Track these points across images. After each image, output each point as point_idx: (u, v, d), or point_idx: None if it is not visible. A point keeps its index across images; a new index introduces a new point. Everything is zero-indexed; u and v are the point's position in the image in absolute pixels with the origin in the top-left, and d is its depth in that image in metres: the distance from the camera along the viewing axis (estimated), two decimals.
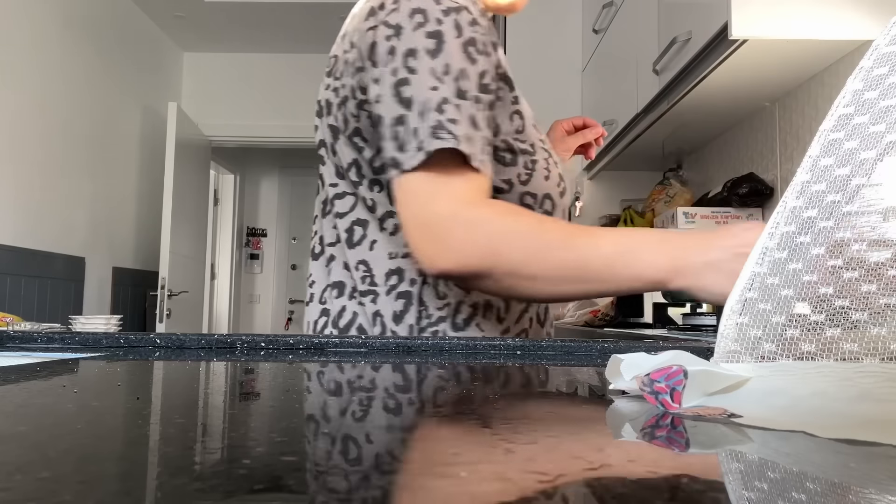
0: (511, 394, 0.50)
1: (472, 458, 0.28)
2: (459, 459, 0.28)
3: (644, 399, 0.41)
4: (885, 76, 0.41)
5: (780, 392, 0.38)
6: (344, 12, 4.21)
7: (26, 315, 3.03)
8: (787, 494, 0.24)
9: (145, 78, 4.25)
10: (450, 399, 0.45)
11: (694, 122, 2.38)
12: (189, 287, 4.21)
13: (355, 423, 0.35)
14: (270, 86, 4.74)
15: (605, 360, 0.49)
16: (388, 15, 0.78)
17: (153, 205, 4.31)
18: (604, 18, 2.76)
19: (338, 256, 0.89)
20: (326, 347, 0.78)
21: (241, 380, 0.57)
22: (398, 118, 0.75)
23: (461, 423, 0.37)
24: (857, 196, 0.40)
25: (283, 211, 6.57)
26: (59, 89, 3.33)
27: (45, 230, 3.24)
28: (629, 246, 0.73)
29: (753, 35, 1.57)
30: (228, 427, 0.35)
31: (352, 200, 0.87)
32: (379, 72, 0.77)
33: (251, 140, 4.80)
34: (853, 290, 0.39)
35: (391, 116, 0.75)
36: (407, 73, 0.75)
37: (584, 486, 0.25)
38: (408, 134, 0.74)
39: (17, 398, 0.42)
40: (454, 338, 0.80)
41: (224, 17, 4.19)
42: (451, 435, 0.34)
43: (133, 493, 0.22)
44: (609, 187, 3.20)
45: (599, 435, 0.36)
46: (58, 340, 0.81)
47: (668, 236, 0.74)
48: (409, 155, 0.73)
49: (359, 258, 0.86)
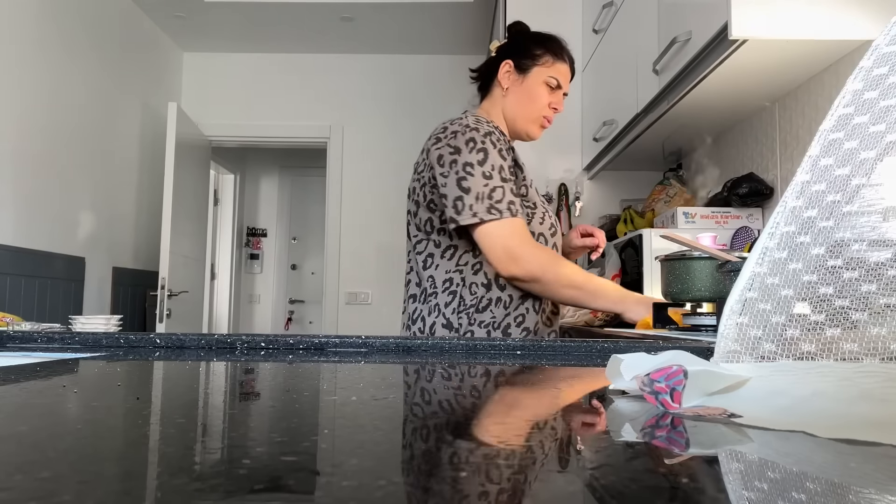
0: (511, 394, 0.50)
1: (470, 459, 0.28)
2: (457, 460, 0.28)
3: (644, 399, 0.41)
4: (885, 76, 0.40)
5: (780, 392, 0.38)
6: (344, 12, 4.17)
7: (26, 315, 3.03)
8: (787, 494, 0.24)
9: (145, 78, 4.25)
10: (449, 399, 0.45)
11: (694, 123, 2.38)
12: (189, 287, 4.22)
13: (355, 423, 0.35)
14: (270, 86, 4.74)
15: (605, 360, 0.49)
16: (450, 141, 1.41)
17: (153, 205, 4.31)
18: (604, 18, 2.76)
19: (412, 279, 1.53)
20: (326, 347, 0.78)
21: (241, 380, 0.57)
22: (459, 198, 1.37)
23: (459, 424, 0.37)
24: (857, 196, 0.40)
25: (283, 211, 6.57)
26: (59, 89, 3.33)
27: (45, 230, 3.24)
28: (603, 284, 1.45)
29: (753, 35, 1.57)
30: (228, 427, 0.35)
31: (426, 242, 1.48)
32: (443, 170, 1.40)
33: (251, 140, 4.80)
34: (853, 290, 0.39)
35: (454, 196, 1.38)
36: (465, 174, 1.37)
37: (585, 486, 0.25)
38: (466, 207, 1.37)
39: (17, 398, 0.42)
40: (454, 338, 0.80)
41: (224, 17, 4.19)
42: (451, 435, 0.34)
43: (133, 493, 0.22)
44: (609, 187, 3.20)
45: (599, 435, 0.36)
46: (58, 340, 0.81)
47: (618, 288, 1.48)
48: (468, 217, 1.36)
49: (429, 275, 1.47)
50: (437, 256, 1.46)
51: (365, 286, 4.67)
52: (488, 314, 1.43)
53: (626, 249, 2.34)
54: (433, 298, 1.45)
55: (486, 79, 1.60)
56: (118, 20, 3.91)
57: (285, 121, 4.74)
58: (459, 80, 4.76)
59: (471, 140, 1.39)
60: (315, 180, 6.32)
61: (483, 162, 1.37)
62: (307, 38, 4.51)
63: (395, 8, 4.02)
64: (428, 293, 1.46)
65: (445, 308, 1.43)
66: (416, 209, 1.49)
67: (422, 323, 1.47)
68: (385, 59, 4.77)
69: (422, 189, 1.46)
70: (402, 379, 0.56)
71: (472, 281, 1.44)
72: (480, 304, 1.43)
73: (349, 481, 0.24)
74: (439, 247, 1.46)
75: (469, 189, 1.36)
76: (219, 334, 0.81)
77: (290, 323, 6.51)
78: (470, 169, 1.37)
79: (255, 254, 6.47)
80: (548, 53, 1.54)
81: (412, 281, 1.53)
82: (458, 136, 1.40)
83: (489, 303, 1.43)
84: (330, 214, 4.68)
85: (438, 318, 1.44)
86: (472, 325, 1.43)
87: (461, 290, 1.43)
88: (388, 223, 4.66)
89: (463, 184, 1.37)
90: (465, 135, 1.40)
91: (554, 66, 1.54)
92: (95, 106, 3.67)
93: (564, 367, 0.66)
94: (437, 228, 1.46)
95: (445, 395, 0.47)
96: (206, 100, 4.75)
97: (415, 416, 0.39)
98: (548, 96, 1.53)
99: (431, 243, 1.47)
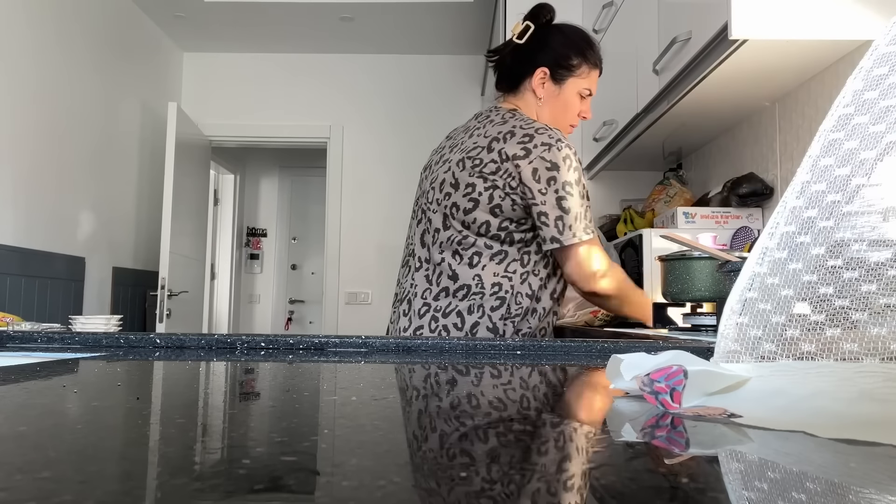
0: (511, 394, 0.50)
1: (470, 459, 0.28)
2: (458, 460, 0.28)
3: (644, 399, 0.41)
4: (885, 76, 0.40)
5: (780, 392, 0.38)
6: (344, 12, 4.16)
7: (26, 315, 3.03)
8: (787, 494, 0.24)
9: (145, 78, 4.25)
10: (449, 398, 0.45)
11: (694, 122, 2.38)
12: (189, 287, 4.22)
13: (355, 423, 0.35)
14: (270, 86, 4.74)
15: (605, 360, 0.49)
16: (542, 153, 1.41)
17: (153, 205, 4.31)
18: (604, 18, 2.76)
19: (442, 271, 1.51)
20: (326, 347, 0.78)
21: (241, 380, 0.57)
22: (559, 217, 1.41)
23: (459, 423, 0.37)
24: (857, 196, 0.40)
25: (283, 211, 6.57)
26: (58, 89, 3.33)
27: (45, 230, 3.24)
28: (648, 300, 1.55)
29: (753, 35, 1.57)
30: (228, 427, 0.35)
31: (473, 239, 1.47)
32: (543, 187, 1.40)
33: (251, 140, 4.80)
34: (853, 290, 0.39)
35: (554, 216, 1.41)
36: (565, 194, 1.40)
37: (585, 485, 0.25)
38: (566, 227, 1.41)
39: (18, 398, 0.42)
40: (455, 338, 0.80)
41: (224, 17, 4.19)
42: (451, 435, 0.34)
43: (133, 493, 0.22)
44: (609, 187, 3.20)
45: (599, 435, 0.36)
46: (58, 340, 0.81)
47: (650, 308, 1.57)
48: (568, 237, 1.41)
49: (475, 274, 1.47)
50: (484, 257, 1.46)
51: (365, 286, 4.67)
52: (526, 323, 1.48)
53: (626, 249, 2.34)
54: (478, 298, 1.45)
55: (515, 75, 1.57)
56: (118, 20, 3.91)
57: (285, 121, 4.74)
58: (460, 79, 4.76)
59: (567, 158, 1.42)
60: (315, 180, 6.32)
61: (579, 181, 1.43)
62: (307, 38, 4.51)
63: (395, 8, 4.02)
64: (472, 292, 1.46)
65: (492, 312, 1.45)
66: (473, 207, 1.45)
67: (457, 318, 1.46)
68: (385, 58, 4.77)
69: (488, 191, 1.43)
70: (402, 379, 0.56)
71: (519, 290, 1.47)
72: (525, 314, 1.47)
73: (349, 481, 0.24)
74: (490, 249, 1.46)
75: (569, 210, 1.40)
76: (219, 334, 0.81)
77: (290, 323, 6.51)
78: (570, 189, 1.41)
79: (255, 254, 6.47)
80: (585, 64, 1.53)
81: (442, 273, 1.50)
82: (552, 151, 1.41)
83: (528, 313, 1.48)
84: (330, 214, 4.68)
85: (483, 319, 1.45)
86: (515, 333, 1.48)
87: (510, 298, 1.46)
88: (388, 223, 4.66)
89: (563, 203, 1.40)
90: (560, 151, 1.41)
91: (589, 77, 1.54)
92: (95, 106, 3.67)
93: (564, 367, 0.66)
94: (491, 234, 1.46)
95: (445, 395, 0.47)
96: (206, 100, 4.75)
97: (415, 416, 0.39)
98: (580, 106, 1.55)
99: (482, 243, 1.47)
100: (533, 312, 1.49)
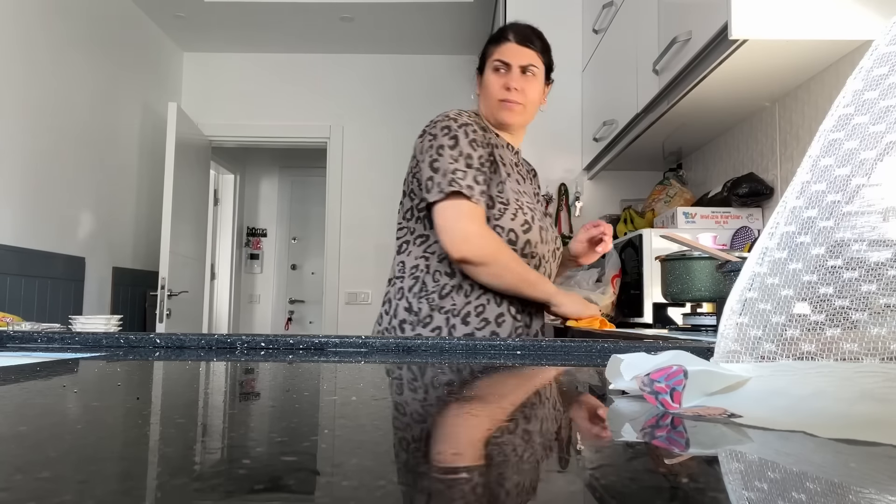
0: (510, 394, 0.50)
1: (470, 459, 0.28)
2: (459, 460, 0.28)
3: (644, 399, 0.41)
4: (885, 76, 0.40)
5: (780, 392, 0.38)
6: (343, 12, 4.17)
7: (26, 315, 3.03)
8: (787, 494, 0.24)
9: (145, 78, 4.25)
10: (448, 398, 0.45)
11: (694, 122, 2.38)
12: (189, 287, 4.21)
13: (355, 423, 0.35)
14: (270, 86, 4.74)
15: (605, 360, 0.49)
16: (430, 130, 1.49)
17: (153, 205, 4.30)
18: (604, 18, 2.76)
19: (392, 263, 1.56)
20: (326, 347, 0.78)
21: (241, 380, 0.57)
22: (430, 178, 1.43)
23: (459, 423, 0.37)
24: (857, 196, 0.40)
25: (283, 211, 6.57)
26: (58, 89, 3.33)
27: (45, 230, 3.24)
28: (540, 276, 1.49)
29: (753, 35, 1.57)
30: (228, 427, 0.35)
31: (405, 230, 1.55)
32: (421, 156, 1.47)
33: (251, 140, 4.80)
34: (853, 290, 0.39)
35: (426, 177, 1.44)
36: (437, 156, 1.44)
37: (585, 485, 0.25)
38: (434, 185, 1.42)
39: (18, 398, 0.42)
40: (455, 338, 0.80)
41: (224, 17, 4.19)
42: (451, 435, 0.34)
43: (133, 493, 0.22)
44: (609, 187, 3.20)
45: (599, 435, 0.36)
46: (58, 340, 0.81)
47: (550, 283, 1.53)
48: (435, 193, 1.41)
49: (400, 260, 1.53)
50: (411, 243, 1.52)
51: (365, 286, 4.67)
52: (449, 301, 1.45)
53: (626, 249, 2.34)
54: (399, 282, 1.51)
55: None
56: (118, 20, 3.91)
57: (285, 121, 4.74)
58: (460, 79, 4.76)
59: (445, 128, 1.46)
60: (315, 180, 6.31)
61: (453, 147, 1.43)
62: (307, 38, 4.51)
63: (395, 8, 4.02)
64: (396, 277, 1.53)
65: (409, 292, 1.48)
66: (402, 198, 1.57)
67: (388, 305, 1.53)
68: (385, 59, 4.77)
69: (406, 178, 1.55)
70: (402, 379, 0.56)
71: (437, 268, 1.48)
72: (442, 291, 1.46)
73: (349, 481, 0.24)
74: (413, 233, 1.52)
75: (438, 169, 1.42)
76: (219, 334, 0.81)
77: (290, 323, 6.51)
78: (441, 150, 1.43)
79: (255, 254, 6.47)
80: (490, 44, 1.60)
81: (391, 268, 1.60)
82: (436, 126, 1.48)
83: (451, 290, 1.46)
84: (330, 214, 4.68)
85: (402, 301, 1.49)
86: (433, 311, 1.45)
87: (424, 276, 1.48)
88: (388, 223, 4.66)
89: (434, 164, 1.43)
90: (442, 123, 1.47)
91: (497, 50, 1.58)
92: (95, 106, 3.67)
93: (564, 367, 0.66)
94: (415, 217, 1.52)
95: (445, 395, 0.47)
96: (206, 100, 4.74)
97: (414, 417, 0.39)
98: (499, 80, 1.56)
99: (408, 231, 1.54)
100: (458, 289, 1.46)
